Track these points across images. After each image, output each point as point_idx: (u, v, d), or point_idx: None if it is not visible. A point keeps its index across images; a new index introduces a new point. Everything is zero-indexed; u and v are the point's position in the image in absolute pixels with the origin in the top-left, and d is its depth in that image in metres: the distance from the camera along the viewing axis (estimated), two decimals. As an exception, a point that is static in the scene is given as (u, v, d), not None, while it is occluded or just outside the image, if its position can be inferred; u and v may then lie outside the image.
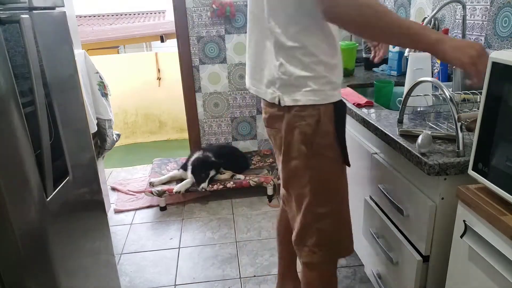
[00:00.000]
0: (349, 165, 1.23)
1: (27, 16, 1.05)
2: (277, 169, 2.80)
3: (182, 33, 2.83)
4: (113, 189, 2.99)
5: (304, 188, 1.18)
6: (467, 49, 0.94)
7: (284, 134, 1.16)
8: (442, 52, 0.96)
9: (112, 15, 9.86)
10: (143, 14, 10.39)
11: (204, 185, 2.58)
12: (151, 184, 2.66)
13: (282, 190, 1.33)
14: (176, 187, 2.60)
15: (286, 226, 1.51)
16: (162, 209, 2.67)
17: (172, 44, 6.26)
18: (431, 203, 1.09)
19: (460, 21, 1.71)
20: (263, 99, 1.25)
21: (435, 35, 0.97)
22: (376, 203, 1.45)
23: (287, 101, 1.11)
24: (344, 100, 1.63)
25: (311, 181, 1.17)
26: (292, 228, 1.30)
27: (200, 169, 2.63)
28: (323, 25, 1.06)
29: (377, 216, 1.42)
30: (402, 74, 2.03)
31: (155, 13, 10.54)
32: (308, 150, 1.14)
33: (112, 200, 2.82)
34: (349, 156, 1.21)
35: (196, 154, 2.73)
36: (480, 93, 1.03)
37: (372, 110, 1.49)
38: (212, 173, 2.63)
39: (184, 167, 2.77)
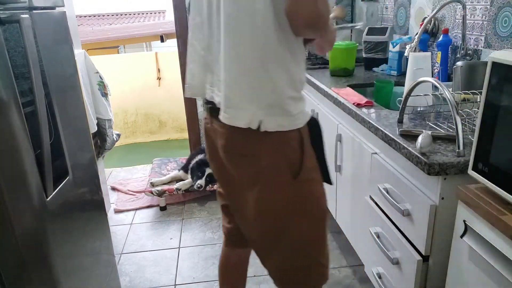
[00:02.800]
0: (331, 184, 1.15)
1: (27, 16, 1.05)
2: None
3: (182, 33, 2.83)
4: (113, 189, 2.99)
5: (289, 221, 1.03)
6: None
7: (267, 161, 0.96)
8: None
9: (112, 15, 9.86)
10: (143, 14, 10.39)
11: (200, 181, 2.55)
12: (152, 184, 2.66)
13: (247, 231, 1.14)
14: (177, 184, 2.61)
15: (235, 270, 1.45)
16: (162, 209, 2.67)
17: (172, 44, 6.26)
18: (431, 203, 1.09)
19: (460, 21, 1.71)
20: (218, 121, 0.98)
21: None
22: (376, 203, 1.45)
23: (269, 126, 0.92)
24: (344, 100, 1.63)
25: (300, 211, 1.03)
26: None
27: (197, 169, 2.63)
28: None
29: (377, 216, 1.42)
30: (402, 74, 2.03)
31: (155, 13, 10.54)
32: (296, 177, 0.99)
33: (112, 200, 2.82)
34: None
35: (197, 158, 2.72)
36: (480, 93, 1.03)
37: (372, 110, 1.49)
38: (208, 170, 2.60)
39: (184, 168, 2.77)
